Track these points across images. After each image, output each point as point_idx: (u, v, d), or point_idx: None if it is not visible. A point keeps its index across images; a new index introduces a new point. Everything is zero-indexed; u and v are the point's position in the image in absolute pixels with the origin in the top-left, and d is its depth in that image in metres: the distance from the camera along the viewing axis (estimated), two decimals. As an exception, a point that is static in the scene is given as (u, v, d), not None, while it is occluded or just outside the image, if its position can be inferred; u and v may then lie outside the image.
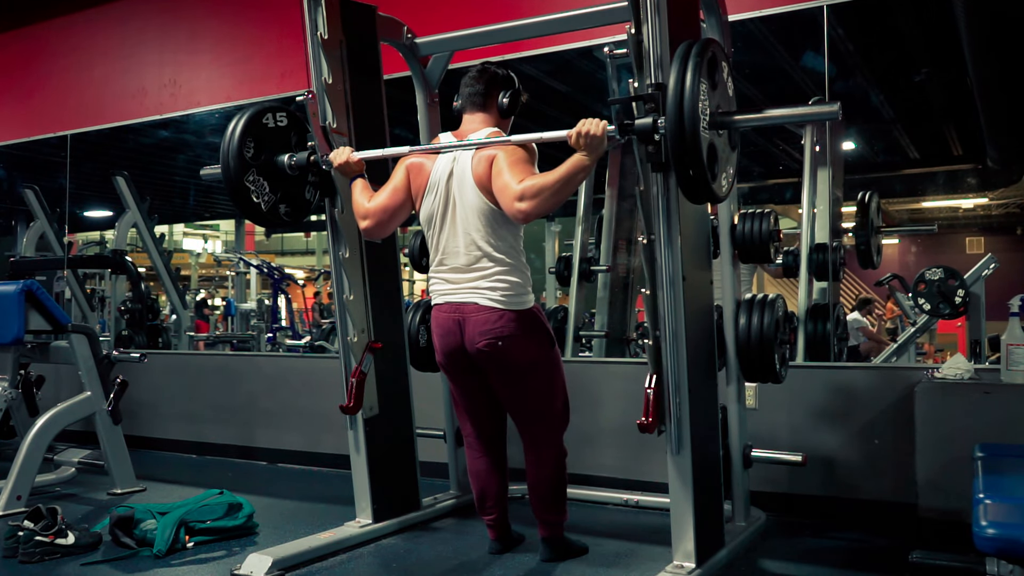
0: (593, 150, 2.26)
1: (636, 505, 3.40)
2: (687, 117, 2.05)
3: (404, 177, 2.60)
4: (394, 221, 2.63)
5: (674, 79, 2.08)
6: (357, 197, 2.65)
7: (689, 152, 2.06)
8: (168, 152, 6.46)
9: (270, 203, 2.82)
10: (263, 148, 2.79)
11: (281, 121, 2.86)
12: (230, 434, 4.76)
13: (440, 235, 2.55)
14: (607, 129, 2.26)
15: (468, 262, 2.50)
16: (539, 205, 2.29)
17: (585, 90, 5.23)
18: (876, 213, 4.24)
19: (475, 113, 2.62)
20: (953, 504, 2.61)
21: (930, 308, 4.06)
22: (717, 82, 2.20)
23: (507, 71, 2.67)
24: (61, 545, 2.79)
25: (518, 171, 2.35)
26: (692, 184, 2.13)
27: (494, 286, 2.48)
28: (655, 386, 2.35)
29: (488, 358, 2.51)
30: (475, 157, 2.47)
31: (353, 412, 2.89)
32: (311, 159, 2.81)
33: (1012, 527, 1.65)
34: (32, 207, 6.39)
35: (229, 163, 2.71)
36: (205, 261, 11.58)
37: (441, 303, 2.58)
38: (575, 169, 2.27)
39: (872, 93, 5.09)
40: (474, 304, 2.49)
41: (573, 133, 2.28)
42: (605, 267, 5.02)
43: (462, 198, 2.49)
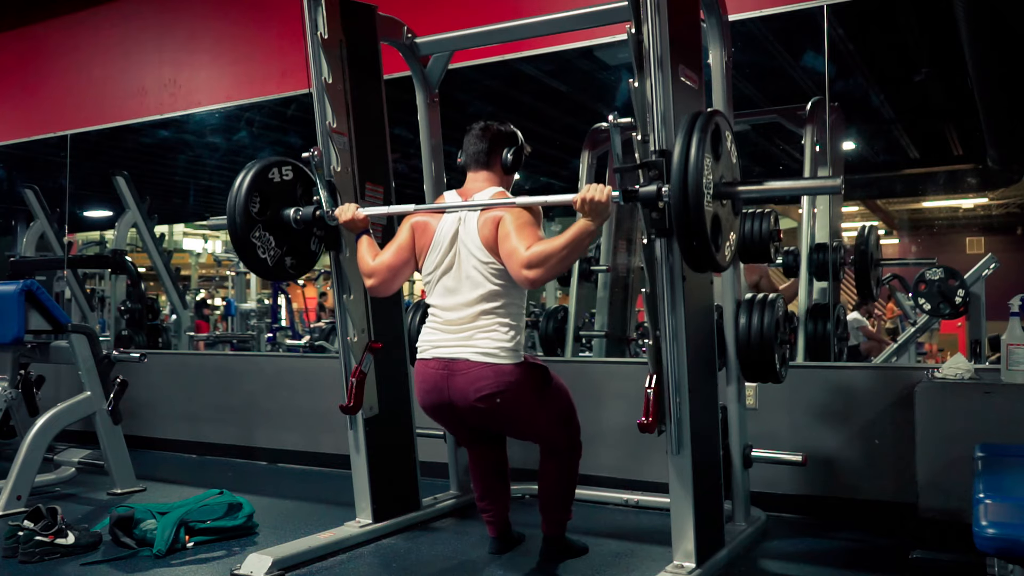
0: (598, 215, 2.27)
1: (636, 505, 3.40)
2: (691, 193, 2.08)
3: (409, 235, 2.59)
4: (398, 279, 2.62)
5: (678, 154, 2.11)
6: (363, 254, 2.65)
7: (693, 227, 2.10)
8: (168, 152, 6.46)
9: (276, 257, 2.83)
10: (269, 203, 2.80)
11: (287, 174, 2.87)
12: (230, 434, 4.76)
13: (441, 290, 2.52)
14: (611, 195, 2.26)
15: (466, 317, 2.46)
16: (547, 272, 2.29)
17: (585, 90, 5.23)
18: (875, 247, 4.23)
19: (479, 171, 2.61)
20: (953, 504, 2.61)
21: (930, 308, 4.05)
22: (720, 153, 2.22)
23: (510, 127, 2.67)
24: (61, 545, 2.79)
25: (525, 236, 2.33)
26: (695, 255, 2.17)
27: (490, 339, 2.42)
28: (655, 386, 2.35)
29: (484, 413, 2.45)
30: (480, 218, 2.46)
31: (353, 412, 2.89)
32: (317, 214, 2.81)
33: (1012, 527, 1.64)
34: (32, 207, 6.39)
35: (236, 220, 2.71)
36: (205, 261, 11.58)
37: (428, 357, 2.51)
38: (581, 234, 2.27)
39: (872, 93, 5.09)
40: (465, 360, 2.42)
41: (578, 199, 2.28)
42: (605, 267, 5.02)
43: (467, 257, 2.47)
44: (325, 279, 8.86)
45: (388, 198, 3.14)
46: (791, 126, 4.31)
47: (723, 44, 2.92)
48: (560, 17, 3.12)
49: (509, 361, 2.41)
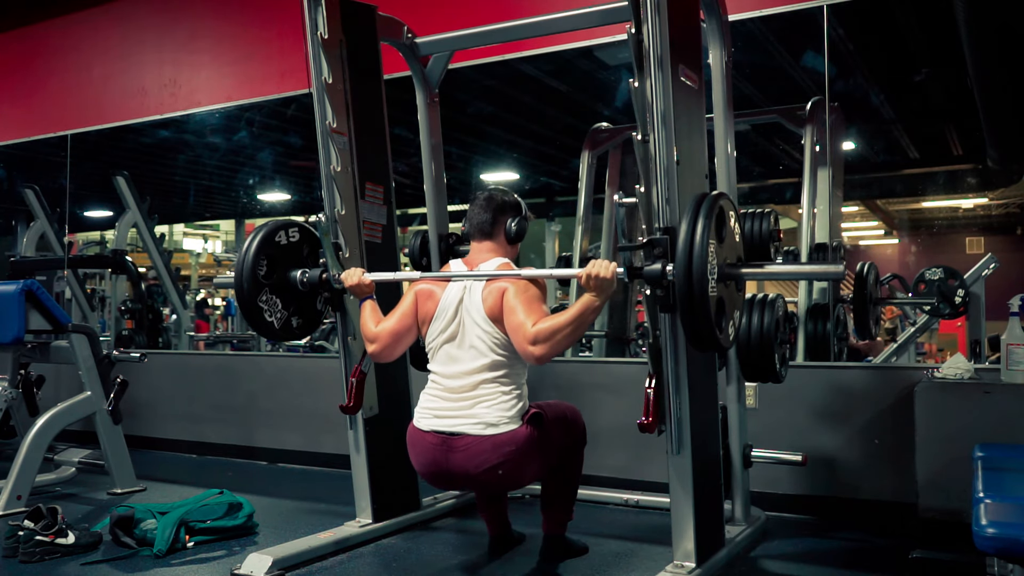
0: (602, 292, 2.27)
1: (636, 505, 3.40)
2: (696, 280, 2.11)
3: (412, 303, 2.58)
4: (401, 345, 2.61)
5: (683, 241, 2.13)
6: (366, 320, 2.65)
7: (698, 311, 2.13)
8: (168, 152, 6.46)
9: (283, 320, 2.85)
10: (276, 266, 2.82)
11: (293, 237, 2.88)
12: (230, 434, 4.76)
13: (443, 357, 2.51)
14: (616, 272, 2.27)
15: (467, 386, 2.44)
16: (552, 348, 2.29)
17: (585, 90, 5.23)
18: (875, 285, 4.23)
19: (483, 241, 2.61)
20: (953, 504, 2.61)
21: (930, 308, 4.06)
22: (724, 235, 2.24)
23: (514, 197, 2.66)
24: (61, 545, 2.79)
25: (531, 311, 2.33)
26: (699, 337, 2.19)
27: (491, 410, 2.39)
28: (655, 386, 2.35)
29: (485, 483, 2.46)
30: (485, 288, 2.45)
31: (353, 412, 2.89)
32: (323, 277, 2.82)
33: (1012, 527, 1.65)
34: (32, 207, 6.39)
35: (243, 285, 2.73)
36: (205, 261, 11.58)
37: (425, 428, 2.48)
38: (586, 311, 2.28)
39: (872, 93, 5.09)
40: (464, 435, 2.39)
41: (583, 275, 2.28)
42: (605, 267, 5.01)
43: (471, 327, 2.46)
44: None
45: (388, 198, 3.15)
46: (791, 126, 4.31)
47: (723, 44, 2.92)
48: (560, 17, 3.12)
49: (509, 428, 2.38)
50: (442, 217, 3.48)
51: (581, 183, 4.95)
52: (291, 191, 8.36)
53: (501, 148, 6.65)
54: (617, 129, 4.96)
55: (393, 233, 3.17)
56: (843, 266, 2.25)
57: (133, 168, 6.40)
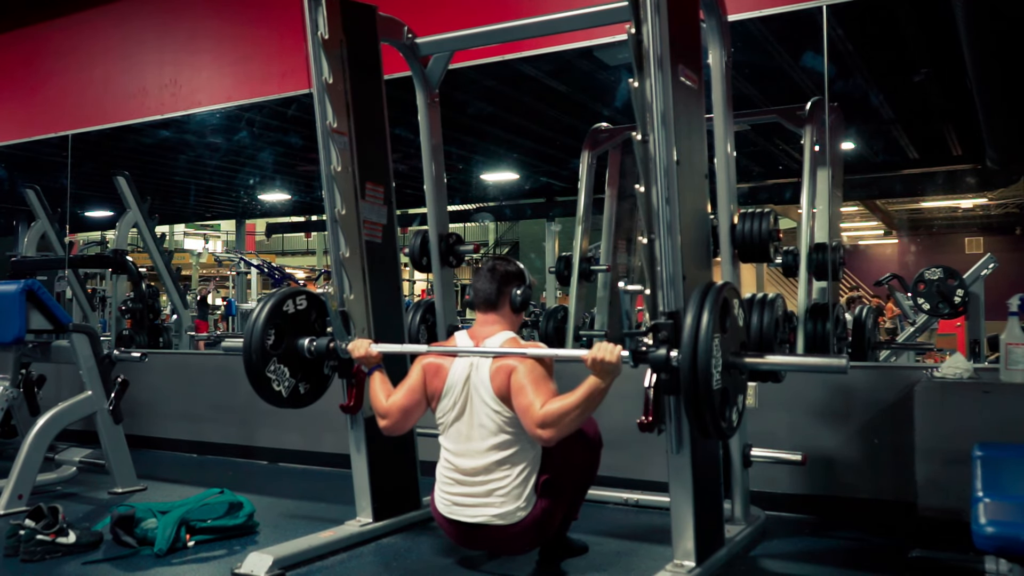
0: (608, 375, 2.29)
1: (636, 504, 3.40)
2: (700, 374, 2.13)
3: (420, 377, 2.60)
4: (410, 419, 2.63)
5: (688, 336, 2.15)
6: (375, 393, 2.67)
7: (703, 401, 2.15)
8: (169, 152, 6.47)
9: (290, 388, 2.89)
10: (284, 335, 2.84)
11: (300, 305, 2.90)
12: (230, 433, 4.76)
13: (454, 435, 2.52)
14: (621, 356, 2.28)
15: (481, 467, 2.46)
16: (560, 431, 2.32)
17: (585, 90, 5.24)
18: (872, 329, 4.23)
19: (488, 313, 2.62)
20: (952, 503, 2.61)
21: (929, 308, 4.06)
22: (728, 327, 2.26)
23: (518, 267, 2.68)
24: (62, 544, 2.79)
25: (540, 392, 2.35)
26: (704, 426, 2.21)
27: (507, 499, 2.44)
28: (655, 385, 2.35)
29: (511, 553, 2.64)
30: (493, 366, 2.47)
31: (353, 411, 2.90)
32: (330, 346, 2.84)
33: (1011, 526, 1.65)
34: (33, 207, 6.40)
35: (252, 357, 2.76)
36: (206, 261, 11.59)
37: (446, 515, 2.55)
38: (592, 394, 2.30)
39: (872, 93, 5.10)
40: (486, 528, 2.47)
41: (588, 357, 2.30)
42: (605, 267, 5.02)
43: (479, 405, 2.47)
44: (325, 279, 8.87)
45: (388, 198, 3.15)
46: (791, 126, 4.31)
47: (723, 44, 2.92)
48: (560, 17, 3.12)
49: (525, 513, 2.45)
50: (442, 217, 3.48)
51: (581, 183, 4.95)
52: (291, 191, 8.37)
53: (501, 148, 6.66)
54: (617, 129, 4.97)
55: (393, 233, 3.18)
56: (846, 360, 2.27)
57: (134, 168, 6.41)
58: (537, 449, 2.48)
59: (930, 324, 4.53)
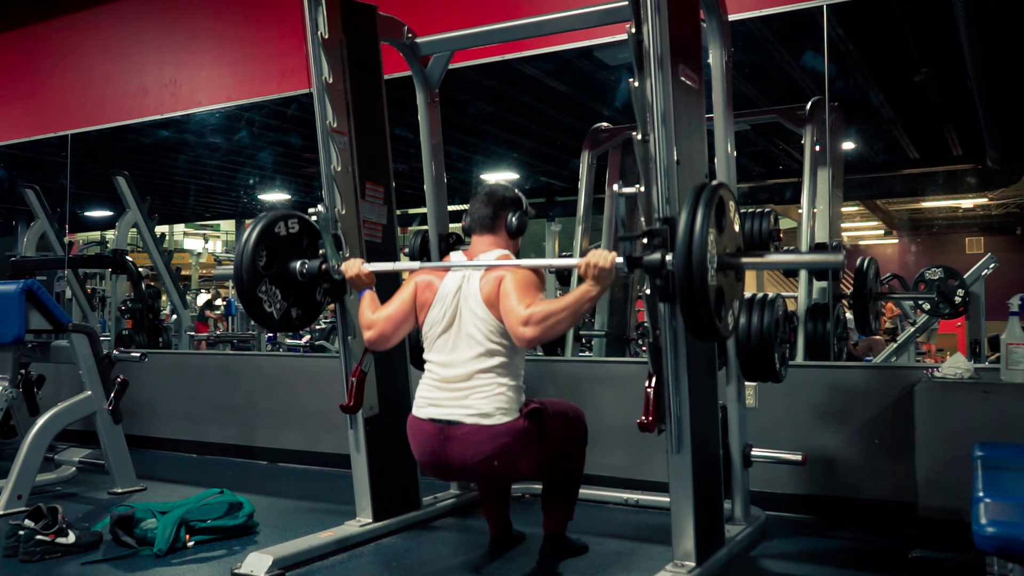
0: (601, 281, 2.28)
1: (636, 504, 3.40)
2: (695, 269, 2.09)
3: (412, 292, 2.59)
4: (398, 333, 2.61)
5: (683, 230, 2.12)
6: (364, 308, 2.66)
7: (697, 300, 2.11)
8: (169, 152, 6.47)
9: (282, 310, 2.83)
10: (275, 257, 2.80)
11: (293, 228, 2.87)
12: (230, 433, 4.76)
13: (441, 345, 2.52)
14: (616, 262, 2.27)
15: (463, 375, 2.45)
16: (544, 332, 2.28)
17: (585, 90, 5.24)
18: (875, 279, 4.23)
19: (484, 235, 2.62)
20: (953, 503, 2.61)
21: (930, 308, 4.06)
22: (724, 225, 2.23)
23: (515, 192, 2.67)
24: (62, 544, 2.79)
25: (526, 295, 2.34)
26: (698, 326, 2.18)
27: (487, 399, 2.40)
28: (655, 385, 2.35)
29: (482, 474, 2.48)
30: (484, 276, 2.46)
31: (353, 411, 2.90)
32: (322, 268, 2.81)
33: (1012, 526, 1.65)
34: (33, 207, 6.40)
35: (243, 276, 2.72)
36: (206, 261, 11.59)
37: (423, 417, 2.50)
38: (583, 299, 2.28)
39: (872, 93, 5.10)
40: (460, 424, 2.40)
41: (582, 264, 2.28)
42: (605, 267, 5.01)
43: (468, 313, 2.47)
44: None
45: (388, 198, 3.15)
46: (791, 126, 4.31)
47: (723, 44, 2.92)
48: (560, 17, 3.12)
49: (504, 420, 2.39)
50: (442, 217, 3.48)
51: (581, 183, 4.95)
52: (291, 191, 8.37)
53: (501, 148, 6.66)
54: (617, 129, 4.96)
55: (393, 233, 3.18)
56: (843, 256, 2.23)
57: (133, 168, 6.41)
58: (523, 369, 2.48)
59: (930, 324, 4.53)
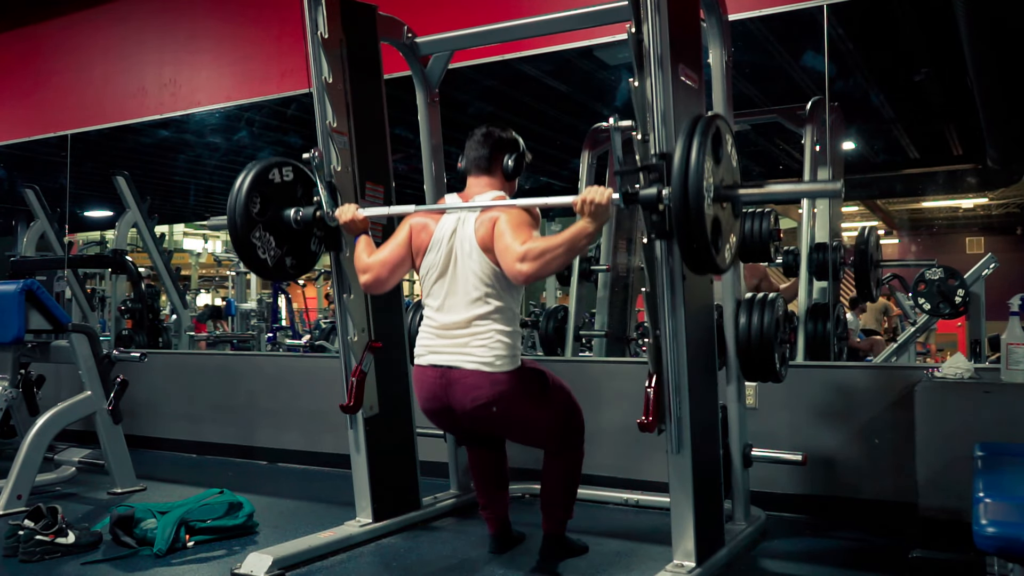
0: (597, 218, 2.27)
1: (636, 504, 3.40)
2: (691, 196, 2.07)
3: (407, 235, 2.59)
4: (394, 277, 2.62)
5: (679, 158, 2.10)
6: (359, 252, 2.66)
7: (693, 228, 2.09)
8: (168, 152, 6.47)
9: (276, 257, 2.82)
10: (269, 203, 2.79)
11: (287, 175, 2.86)
12: (230, 434, 4.76)
13: (438, 290, 2.52)
14: (612, 198, 2.26)
15: (463, 320, 2.46)
16: (540, 268, 2.28)
17: (585, 90, 5.23)
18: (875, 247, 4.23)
19: (480, 176, 2.62)
20: (953, 503, 2.61)
21: (930, 308, 4.06)
22: (721, 156, 2.22)
23: (512, 134, 2.67)
24: (61, 544, 2.79)
25: (521, 233, 2.34)
26: (695, 258, 2.16)
27: (485, 347, 2.42)
28: (655, 385, 2.35)
29: (481, 420, 2.48)
30: (479, 218, 2.46)
31: (353, 411, 2.89)
32: (317, 215, 2.81)
33: (1012, 526, 1.64)
34: (32, 207, 6.39)
35: (236, 220, 2.71)
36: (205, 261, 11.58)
37: (424, 364, 2.52)
38: (579, 235, 2.27)
39: (872, 93, 5.09)
40: (460, 369, 2.43)
41: (578, 200, 2.28)
42: (605, 267, 5.02)
43: (463, 257, 2.47)
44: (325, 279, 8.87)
45: (388, 198, 3.15)
46: (791, 126, 4.31)
47: (723, 44, 2.92)
48: (560, 17, 3.12)
49: (504, 369, 2.41)
50: (442, 217, 3.48)
51: (581, 183, 4.95)
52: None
53: (501, 148, 6.64)
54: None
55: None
56: (841, 184, 2.20)
57: (133, 168, 6.40)
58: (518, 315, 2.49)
59: (931, 324, 4.53)
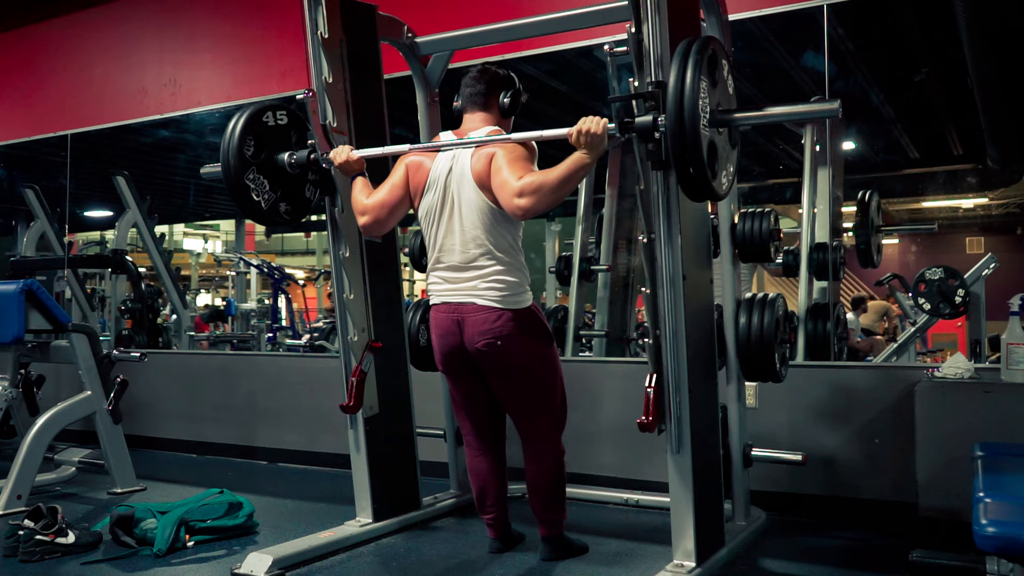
0: (593, 148, 2.27)
1: (636, 504, 3.40)
2: (687, 115, 2.05)
3: (403, 174, 2.60)
4: (392, 218, 2.63)
5: (674, 77, 2.07)
6: (356, 194, 2.66)
7: (689, 150, 2.06)
8: (168, 152, 6.46)
9: (270, 201, 2.82)
10: (263, 146, 2.79)
11: (281, 119, 2.86)
12: (230, 434, 4.76)
13: (438, 232, 2.55)
14: (607, 127, 2.26)
15: (466, 260, 2.50)
16: (539, 201, 2.29)
17: (585, 90, 5.23)
18: (876, 212, 4.23)
19: (476, 112, 2.63)
20: (953, 503, 2.61)
21: (930, 308, 4.06)
22: (717, 80, 2.19)
23: (508, 72, 2.68)
24: (61, 544, 2.79)
25: (518, 168, 2.35)
26: (692, 182, 2.13)
27: (492, 285, 2.49)
28: (655, 385, 2.35)
29: (487, 357, 2.53)
30: (475, 155, 2.47)
31: (353, 411, 2.89)
32: (311, 157, 2.81)
33: (1012, 526, 1.65)
34: (32, 207, 6.39)
35: (229, 161, 2.71)
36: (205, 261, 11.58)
37: (439, 303, 2.60)
38: (576, 167, 2.28)
39: (872, 93, 5.09)
40: (472, 304, 2.51)
41: (574, 131, 2.28)
42: (605, 266, 5.02)
43: (461, 195, 2.49)
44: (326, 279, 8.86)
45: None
46: (791, 126, 4.31)
47: (723, 43, 2.91)
48: (560, 17, 3.12)
49: (511, 307, 2.49)
50: (442, 216, 3.47)
51: (581, 184, 4.94)
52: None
53: (501, 148, 6.63)
54: (617, 129, 4.95)
55: (393, 233, 3.17)
56: (838, 103, 2.17)
57: (133, 168, 6.40)
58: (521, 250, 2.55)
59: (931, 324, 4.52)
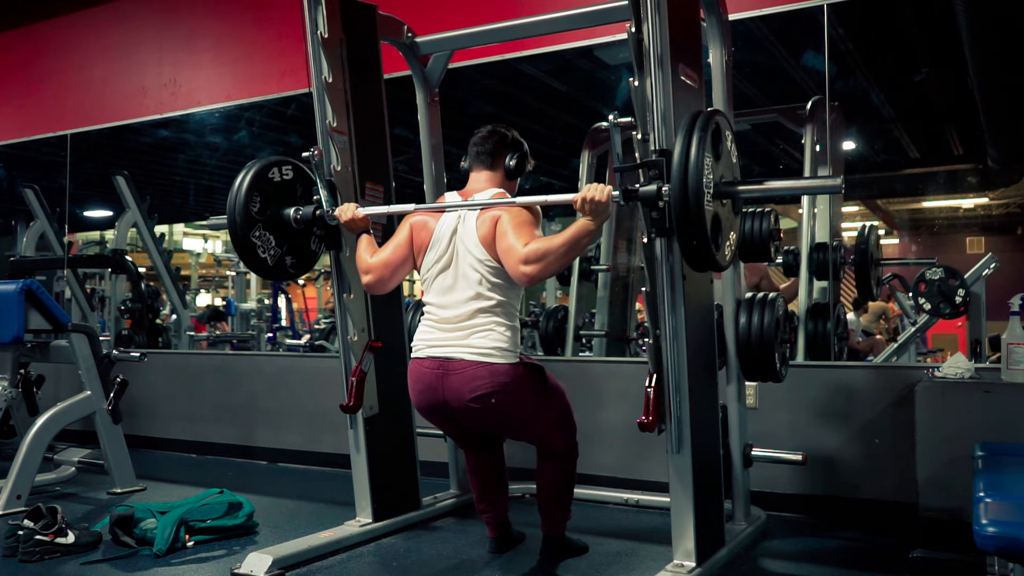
0: (598, 215, 2.27)
1: (636, 504, 3.40)
2: (691, 192, 2.08)
3: (407, 234, 2.59)
4: (396, 277, 2.61)
5: (678, 154, 2.10)
6: (361, 252, 2.65)
7: (693, 225, 2.10)
8: (168, 152, 6.46)
9: (276, 257, 2.82)
10: (269, 202, 2.79)
11: (287, 174, 2.86)
12: (230, 434, 4.76)
13: (438, 287, 2.52)
14: (612, 195, 2.26)
15: (462, 316, 2.45)
16: (544, 269, 2.28)
17: (585, 90, 5.23)
18: (876, 246, 4.23)
19: (482, 172, 2.62)
20: (954, 503, 2.61)
21: (931, 308, 4.05)
22: (720, 153, 2.22)
23: (516, 135, 2.67)
24: (61, 544, 2.79)
25: (523, 234, 2.33)
26: (696, 253, 2.16)
27: (485, 340, 2.41)
28: (655, 385, 2.35)
29: (478, 413, 2.43)
30: (479, 217, 2.46)
31: (353, 411, 2.89)
32: (317, 213, 2.81)
33: (1012, 526, 1.64)
34: (32, 207, 6.39)
35: (236, 219, 2.71)
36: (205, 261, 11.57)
37: (422, 356, 2.49)
38: (580, 233, 2.27)
39: (872, 93, 5.09)
40: (460, 360, 2.41)
41: (578, 198, 2.28)
42: (605, 266, 5.02)
43: (464, 255, 2.47)
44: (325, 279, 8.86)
45: (388, 197, 3.15)
46: (791, 125, 4.31)
47: (723, 43, 2.92)
48: (560, 17, 3.12)
49: (504, 361, 2.41)
50: (442, 216, 3.48)
51: (581, 183, 4.95)
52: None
53: (501, 148, 6.64)
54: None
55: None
56: (840, 180, 2.20)
57: (133, 168, 6.40)
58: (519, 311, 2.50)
59: (931, 324, 4.52)
